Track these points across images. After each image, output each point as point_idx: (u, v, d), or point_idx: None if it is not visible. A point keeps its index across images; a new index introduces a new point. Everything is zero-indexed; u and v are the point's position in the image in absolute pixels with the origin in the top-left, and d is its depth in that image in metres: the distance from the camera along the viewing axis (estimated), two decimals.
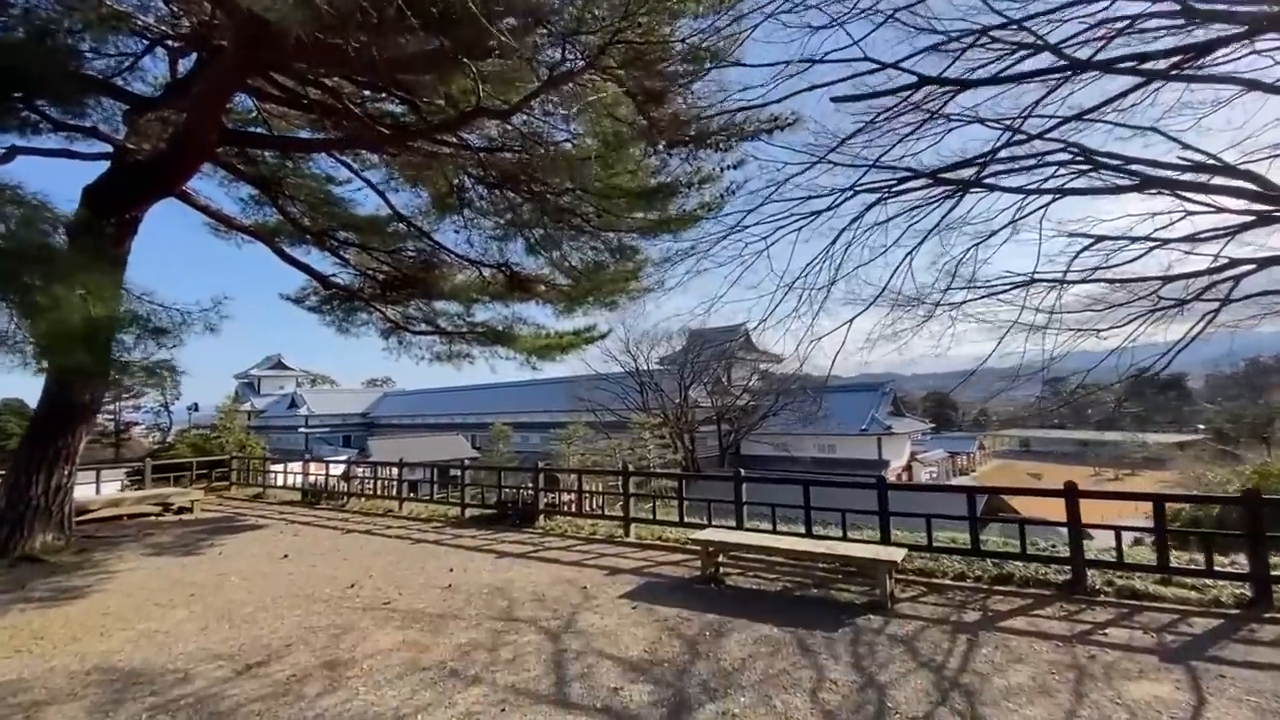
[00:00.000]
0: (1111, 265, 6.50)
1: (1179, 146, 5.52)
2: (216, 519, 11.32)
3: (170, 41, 9.66)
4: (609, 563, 7.29)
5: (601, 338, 13.24)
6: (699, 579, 6.45)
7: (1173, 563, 5.74)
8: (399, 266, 12.08)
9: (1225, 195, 5.42)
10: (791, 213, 6.92)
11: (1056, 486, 6.14)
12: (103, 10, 7.98)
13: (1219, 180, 5.30)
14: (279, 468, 15.36)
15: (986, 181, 5.53)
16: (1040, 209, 5.94)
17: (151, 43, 9.67)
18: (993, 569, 6.35)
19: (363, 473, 13.58)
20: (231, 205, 11.94)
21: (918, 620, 5.18)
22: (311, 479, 13.53)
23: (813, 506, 7.25)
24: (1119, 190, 5.22)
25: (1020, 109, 5.67)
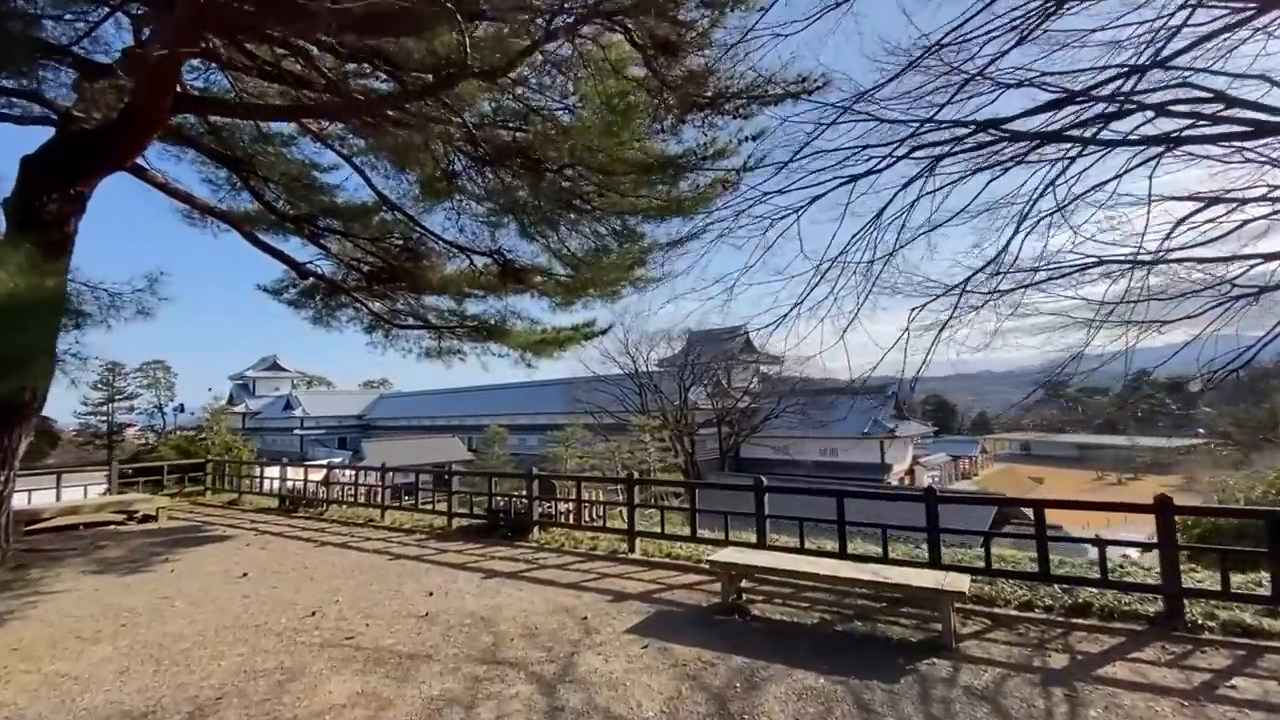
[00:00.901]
0: (1188, 246, 5.61)
1: None
2: (181, 528, 10.34)
3: (134, 7, 8.73)
4: (612, 585, 6.34)
5: (602, 334, 12.31)
6: (719, 608, 5.49)
7: None
8: (385, 256, 11.15)
9: None
10: (822, 182, 5.99)
11: (1144, 499, 5.21)
12: None
13: None
14: (257, 472, 14.36)
15: (1071, 134, 4.59)
16: (1136, 167, 5.01)
17: (112, 9, 8.74)
18: (1063, 596, 5.43)
19: (345, 477, 12.60)
20: (205, 190, 10.97)
21: (993, 666, 4.24)
22: (290, 484, 12.54)
23: (847, 521, 6.31)
24: (1251, 136, 4.28)
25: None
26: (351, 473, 12.67)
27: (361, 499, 11.64)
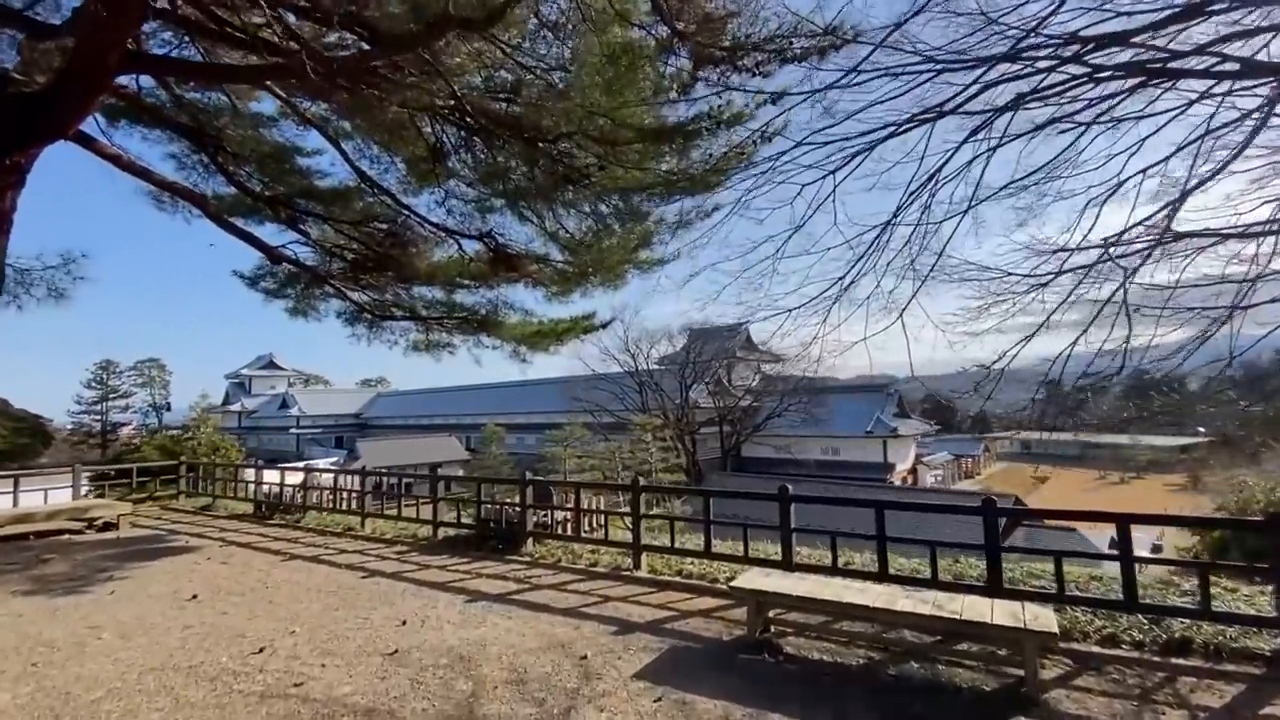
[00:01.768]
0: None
1: None
2: (142, 538, 9.44)
3: None
4: (616, 611, 5.46)
5: (602, 327, 11.42)
6: (744, 644, 4.62)
7: None
8: (368, 242, 10.24)
9: None
10: (861, 134, 5.14)
11: (1257, 516, 4.35)
12: None
13: None
14: (241, 475, 13.44)
15: (1172, 66, 3.73)
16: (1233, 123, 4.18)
17: None
18: (1151, 629, 4.56)
19: (325, 481, 11.70)
20: (169, 168, 10.02)
21: None
22: (266, 488, 11.65)
23: (888, 537, 5.43)
24: None
25: None
26: (331, 477, 11.74)
27: (342, 505, 10.75)
